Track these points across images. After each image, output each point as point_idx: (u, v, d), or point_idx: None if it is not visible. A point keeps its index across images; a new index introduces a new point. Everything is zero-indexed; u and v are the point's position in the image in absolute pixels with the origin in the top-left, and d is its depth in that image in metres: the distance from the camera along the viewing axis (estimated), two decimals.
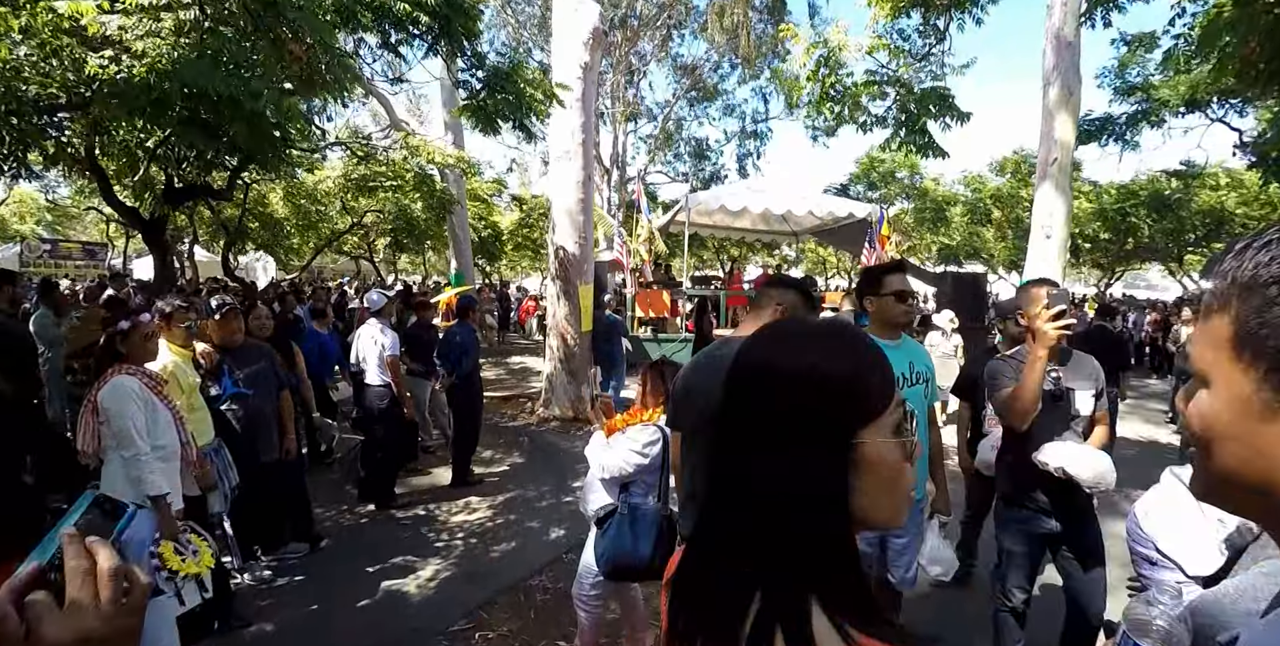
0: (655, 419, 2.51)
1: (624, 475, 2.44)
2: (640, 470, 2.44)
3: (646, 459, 2.42)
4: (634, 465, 2.42)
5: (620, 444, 2.47)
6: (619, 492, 2.50)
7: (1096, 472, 2.24)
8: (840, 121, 5.60)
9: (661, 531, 2.46)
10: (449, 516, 4.58)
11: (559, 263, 7.52)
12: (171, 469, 2.68)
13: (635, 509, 2.46)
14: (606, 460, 2.46)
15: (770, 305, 2.10)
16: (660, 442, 2.44)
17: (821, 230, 15.77)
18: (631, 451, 2.42)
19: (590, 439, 2.65)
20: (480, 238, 20.21)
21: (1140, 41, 11.37)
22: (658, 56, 23.33)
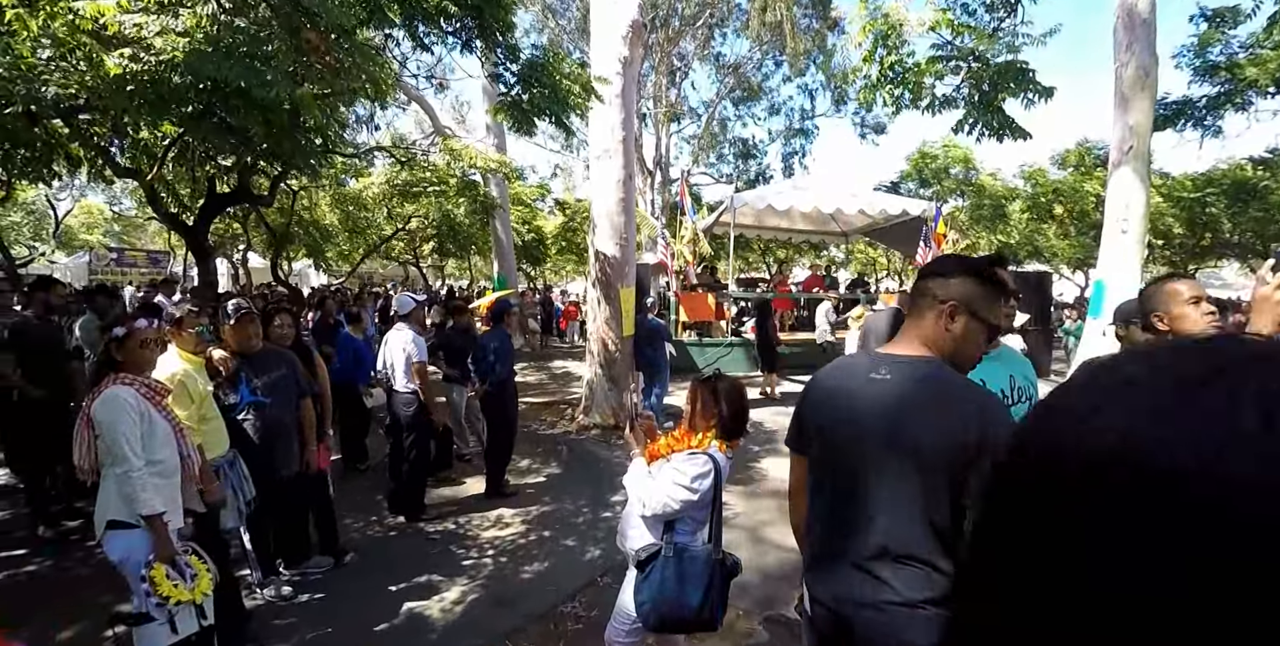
0: (706, 445, 2.20)
1: (669, 512, 2.14)
2: (687, 506, 2.13)
3: (695, 495, 2.11)
4: (680, 501, 2.11)
5: (664, 475, 2.17)
6: (663, 531, 2.20)
7: None
8: (900, 106, 5.18)
9: (713, 578, 2.14)
10: (480, 531, 4.34)
11: (599, 265, 7.26)
12: (170, 485, 2.49)
13: (683, 551, 2.16)
14: (648, 495, 2.17)
15: (933, 306, 1.51)
16: (711, 475, 2.14)
17: (872, 229, 15.19)
18: (678, 485, 2.12)
19: (630, 464, 2.35)
20: (524, 242, 20.22)
21: (1222, 17, 10.47)
22: (700, 56, 23.06)
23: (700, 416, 2.27)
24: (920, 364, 1.48)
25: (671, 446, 2.27)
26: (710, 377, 2.34)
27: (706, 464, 2.14)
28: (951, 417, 1.37)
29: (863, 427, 1.46)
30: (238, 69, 2.92)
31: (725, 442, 2.24)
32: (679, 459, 2.18)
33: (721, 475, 2.18)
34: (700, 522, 2.23)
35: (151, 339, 2.52)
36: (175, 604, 2.30)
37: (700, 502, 2.14)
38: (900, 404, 1.43)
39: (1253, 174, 13.60)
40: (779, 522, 4.53)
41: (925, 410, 1.40)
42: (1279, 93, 10.22)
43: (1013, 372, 2.03)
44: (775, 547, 4.12)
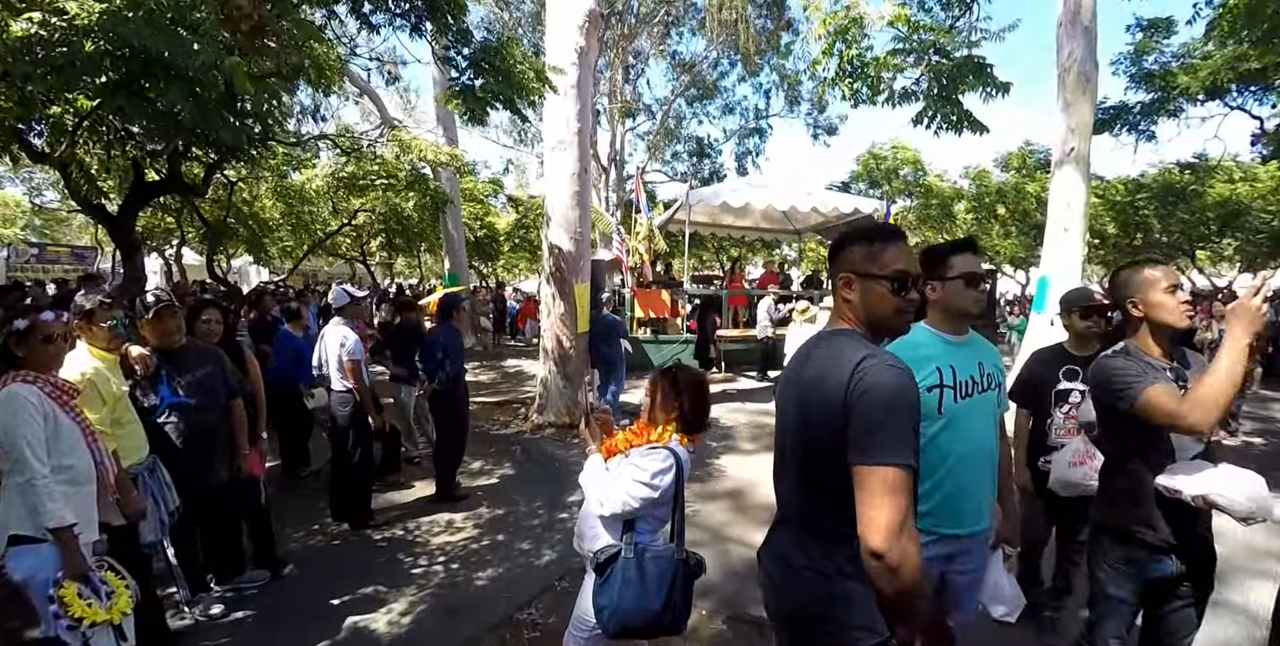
0: (666, 439, 2.09)
1: (628, 511, 2.02)
2: (648, 504, 2.01)
3: (656, 492, 2.00)
4: (641, 499, 1.99)
5: (623, 472, 2.05)
6: (622, 531, 2.07)
7: (1251, 498, 1.73)
8: (858, 100, 5.18)
9: (675, 579, 2.03)
10: (429, 537, 4.14)
11: (553, 260, 7.09)
12: (82, 495, 2.24)
13: (644, 552, 2.04)
14: (606, 494, 2.04)
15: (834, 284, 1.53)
16: (673, 470, 2.03)
17: (825, 228, 15.36)
18: (638, 483, 2.00)
19: (586, 461, 2.21)
20: (476, 238, 19.79)
21: (1157, 27, 10.95)
22: (655, 53, 22.97)
23: (660, 409, 2.16)
24: (826, 336, 1.49)
25: (630, 441, 2.15)
26: (670, 368, 2.23)
27: (667, 458, 2.02)
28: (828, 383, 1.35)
29: (781, 404, 1.55)
30: (160, 36, 2.65)
31: (686, 436, 2.14)
32: (638, 454, 2.06)
33: (683, 470, 2.08)
34: (661, 521, 2.13)
35: (57, 333, 2.26)
36: (90, 625, 2.06)
37: (661, 500, 2.02)
38: (799, 377, 1.47)
39: (1180, 178, 14.30)
40: (741, 521, 4.46)
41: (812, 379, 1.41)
42: (1208, 100, 10.74)
43: (981, 359, 1.97)
44: (738, 545, 4.04)
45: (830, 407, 1.31)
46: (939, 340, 1.95)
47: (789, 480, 1.50)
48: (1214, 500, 1.74)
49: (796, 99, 23.04)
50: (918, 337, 1.92)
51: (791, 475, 1.49)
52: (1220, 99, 11.01)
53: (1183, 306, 1.81)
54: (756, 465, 5.74)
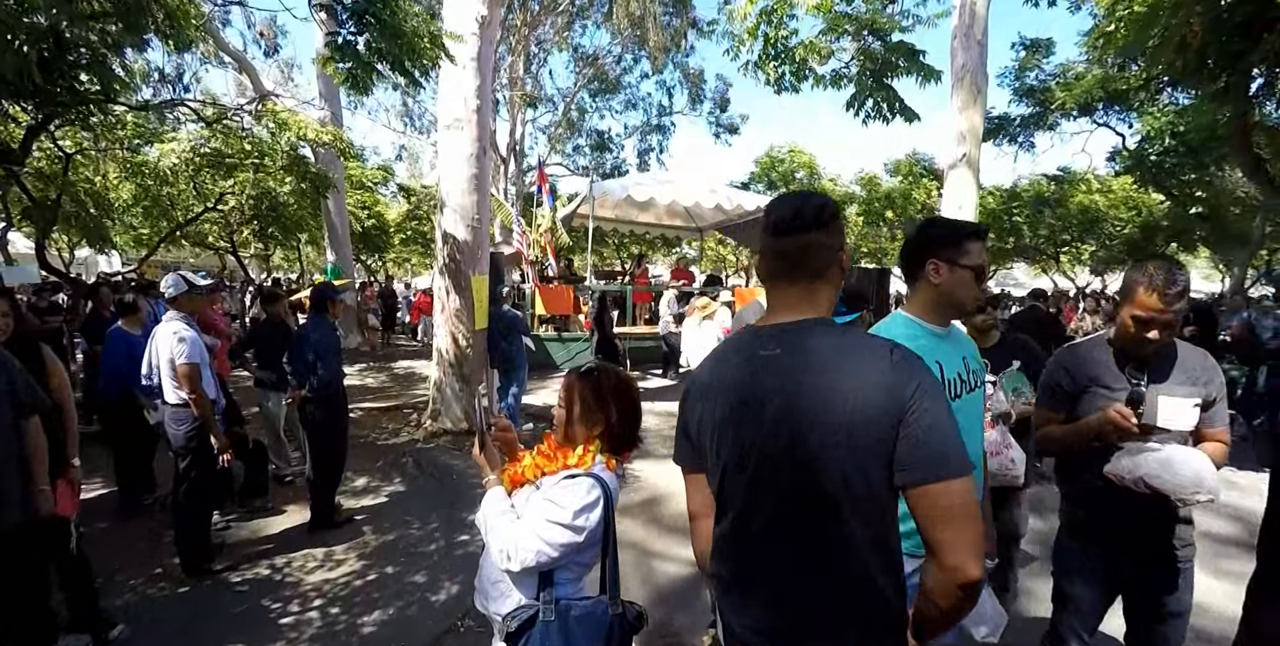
0: (588, 462, 1.65)
1: (545, 563, 1.57)
2: (570, 552, 1.58)
3: (581, 535, 1.56)
4: (560, 546, 1.55)
5: (534, 511, 1.60)
6: (538, 585, 1.62)
7: (1193, 473, 1.70)
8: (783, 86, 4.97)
9: (612, 641, 1.62)
10: (303, 575, 3.49)
11: (448, 250, 6.46)
12: None
13: (568, 610, 1.60)
14: (513, 542, 1.56)
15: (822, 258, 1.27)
16: (600, 503, 1.59)
17: (726, 225, 15.47)
18: (555, 524, 1.55)
19: (485, 494, 1.73)
20: (363, 229, 18.39)
21: (1038, 47, 11.75)
22: (558, 44, 22.35)
23: (580, 422, 1.70)
24: (814, 330, 1.18)
25: (541, 467, 1.70)
26: (591, 370, 1.76)
27: (593, 489, 1.59)
28: (867, 387, 1.08)
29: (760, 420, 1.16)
30: None
31: (613, 457, 1.71)
32: (552, 485, 1.62)
33: (612, 502, 1.64)
34: (586, 566, 1.69)
35: None
36: None
37: (587, 542, 1.59)
38: (799, 388, 1.13)
39: (1048, 188, 15.59)
40: (663, 534, 4.11)
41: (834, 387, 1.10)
42: (1080, 116, 11.61)
43: (965, 354, 1.75)
44: (663, 560, 3.69)
45: (879, 416, 1.05)
46: (925, 331, 1.68)
47: (786, 541, 1.15)
48: (1150, 482, 1.73)
49: (700, 97, 23.18)
50: (902, 329, 1.67)
51: (799, 531, 1.14)
52: (1090, 116, 11.98)
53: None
54: (673, 472, 5.40)
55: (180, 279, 3.58)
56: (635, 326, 11.92)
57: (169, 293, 3.55)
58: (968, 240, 1.66)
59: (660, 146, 24.24)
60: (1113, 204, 15.12)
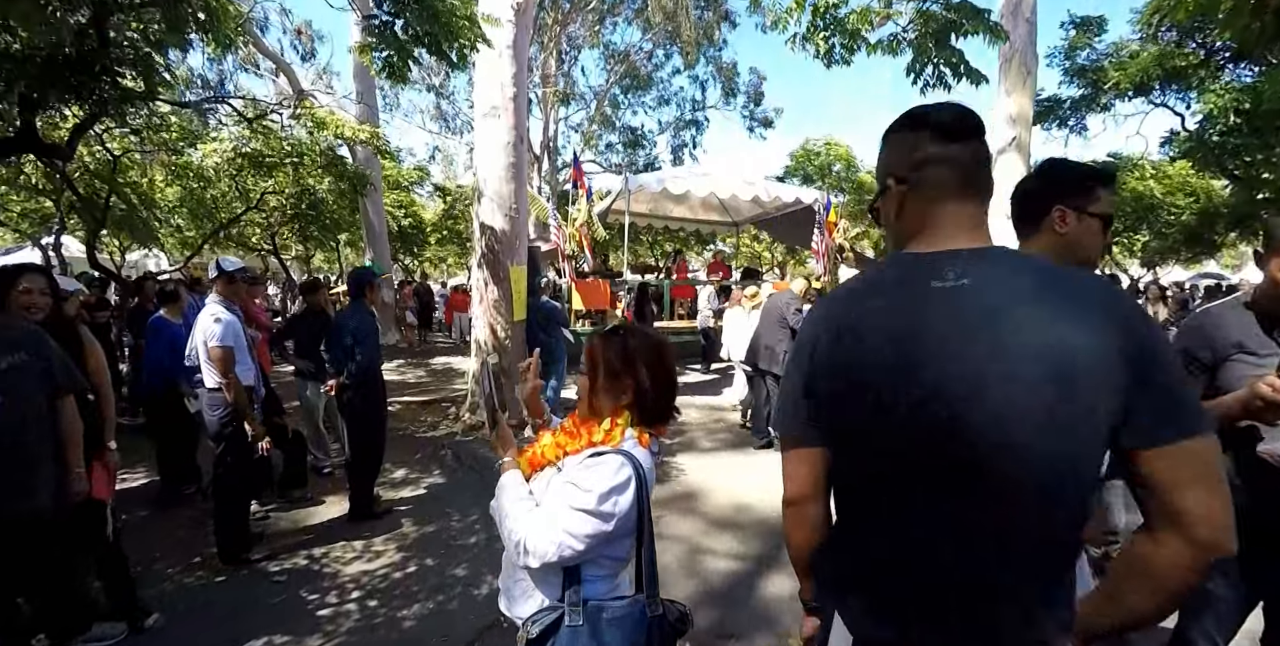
0: (617, 438, 1.41)
1: (571, 557, 1.34)
2: (598, 542, 1.34)
3: (610, 522, 1.33)
4: (586, 537, 1.32)
5: (556, 497, 1.36)
6: (563, 583, 1.40)
7: None
8: (833, 60, 4.72)
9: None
10: (342, 566, 3.37)
11: (486, 241, 6.34)
12: None
13: (599, 612, 1.37)
14: (532, 534, 1.33)
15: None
16: (632, 484, 1.34)
17: (762, 219, 15.19)
18: (580, 511, 1.32)
19: (500, 480, 1.49)
20: (400, 228, 18.56)
21: (1089, 25, 11.20)
22: (590, 42, 22.27)
23: (605, 391, 1.45)
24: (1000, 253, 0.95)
25: (563, 445, 1.46)
26: (616, 329, 1.52)
27: (623, 468, 1.34)
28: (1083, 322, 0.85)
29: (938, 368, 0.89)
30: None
31: (647, 430, 1.45)
32: (576, 465, 1.39)
33: (646, 482, 1.39)
34: (621, 560, 1.44)
35: None
36: None
37: (619, 532, 1.35)
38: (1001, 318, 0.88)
39: None
40: (712, 529, 3.91)
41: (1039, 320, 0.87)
42: (1135, 97, 11.03)
43: None
44: (712, 556, 3.48)
45: (1107, 362, 0.83)
46: None
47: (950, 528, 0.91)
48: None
49: (733, 91, 22.85)
50: None
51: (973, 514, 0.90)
52: (1145, 96, 11.37)
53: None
54: (717, 464, 5.23)
55: (216, 264, 3.53)
56: (673, 321, 11.72)
57: (218, 271, 3.51)
58: (1099, 186, 1.45)
59: (694, 142, 23.97)
60: (1169, 190, 14.33)
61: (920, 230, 1.00)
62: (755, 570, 3.34)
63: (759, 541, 3.69)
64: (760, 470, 5.11)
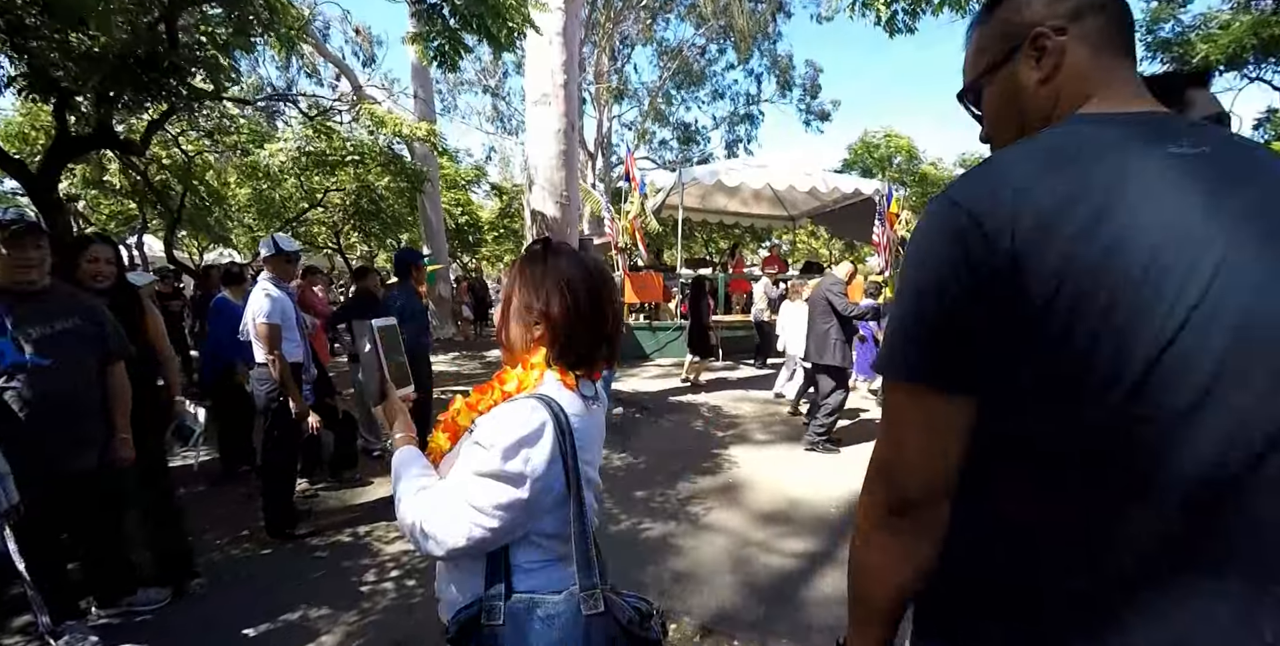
0: (532, 381, 1.11)
1: (482, 540, 1.03)
2: (516, 516, 1.03)
3: (522, 486, 1.01)
4: (497, 512, 1.01)
5: (461, 465, 1.05)
6: (486, 572, 1.08)
7: None
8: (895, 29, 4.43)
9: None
10: (383, 546, 3.34)
11: (537, 228, 6.31)
12: None
13: (526, 610, 1.05)
14: (432, 517, 1.04)
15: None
16: (549, 434, 1.03)
17: (820, 213, 14.78)
18: (481, 478, 1.01)
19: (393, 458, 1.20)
20: (457, 224, 18.94)
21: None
22: (642, 39, 22.21)
23: (516, 323, 1.15)
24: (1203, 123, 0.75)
25: (475, 405, 1.15)
26: (538, 247, 1.18)
27: (533, 413, 1.03)
28: None
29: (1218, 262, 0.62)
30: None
31: (570, 371, 1.13)
32: (486, 421, 1.06)
33: (575, 433, 1.05)
34: (558, 537, 1.09)
35: None
36: None
37: (541, 498, 1.03)
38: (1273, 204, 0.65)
39: None
40: (762, 523, 3.72)
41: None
42: (1227, 70, 10.19)
43: None
44: (763, 551, 3.30)
45: None
46: None
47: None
48: None
49: (789, 84, 22.39)
50: None
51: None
52: (1239, 70, 10.47)
53: None
54: (769, 457, 5.02)
55: (273, 240, 3.55)
56: (729, 315, 11.50)
57: (262, 252, 3.53)
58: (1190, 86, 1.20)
59: (748, 136, 23.64)
60: None
61: (1094, 90, 0.77)
62: (806, 568, 3.14)
63: (810, 538, 3.49)
64: (814, 464, 4.88)
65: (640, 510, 3.85)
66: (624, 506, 3.90)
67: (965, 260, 0.66)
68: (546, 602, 1.05)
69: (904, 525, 0.75)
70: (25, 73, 5.14)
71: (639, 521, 3.67)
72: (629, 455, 5.00)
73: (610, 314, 1.15)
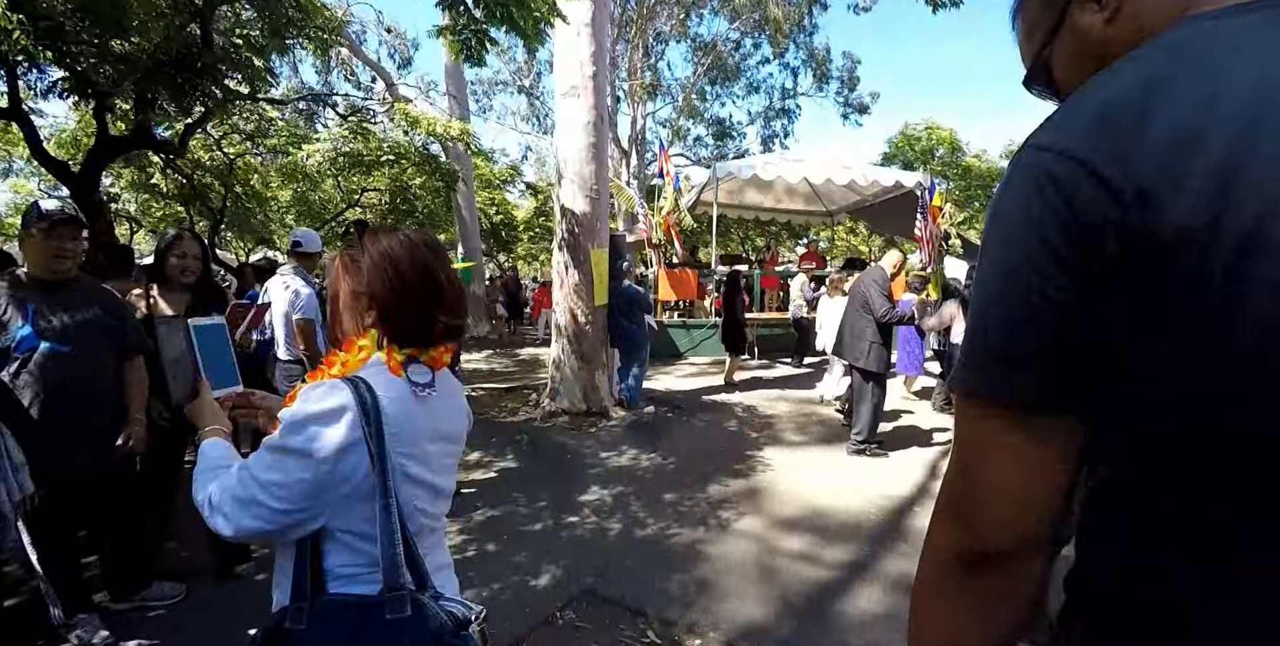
0: (356, 364, 1.06)
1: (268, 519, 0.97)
2: (299, 495, 0.96)
3: (309, 465, 0.95)
4: (277, 488, 0.96)
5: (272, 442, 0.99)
6: (294, 570, 1.02)
7: None
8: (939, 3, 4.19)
9: None
10: None
11: (566, 223, 6.19)
12: None
13: (333, 613, 1.00)
14: (220, 491, 1.01)
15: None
16: (346, 416, 0.96)
17: (860, 208, 14.39)
18: (268, 452, 0.98)
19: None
20: (493, 224, 19.05)
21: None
22: (676, 36, 21.99)
23: (350, 315, 1.10)
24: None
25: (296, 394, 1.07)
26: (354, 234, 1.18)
27: (333, 392, 0.98)
28: None
29: None
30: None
31: (399, 350, 1.07)
32: (298, 399, 1.01)
33: (380, 415, 0.98)
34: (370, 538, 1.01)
35: None
36: None
37: (333, 485, 0.96)
38: None
39: None
40: (794, 530, 3.53)
41: None
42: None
43: None
44: (795, 561, 3.12)
45: None
46: None
47: None
48: None
49: (826, 77, 21.90)
50: None
51: None
52: None
53: None
54: (808, 460, 4.81)
55: (307, 233, 3.55)
56: (764, 312, 11.25)
57: (307, 246, 3.53)
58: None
59: (785, 131, 23.20)
60: None
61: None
62: (843, 581, 2.94)
63: (848, 548, 3.28)
64: (852, 468, 4.65)
65: (668, 514, 3.69)
66: (651, 510, 3.75)
67: (1074, 220, 0.48)
68: (352, 607, 1.00)
69: (979, 582, 0.57)
70: (65, 77, 5.27)
71: (666, 526, 3.51)
72: (658, 456, 4.84)
73: (443, 285, 1.09)
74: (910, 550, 3.21)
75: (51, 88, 5.56)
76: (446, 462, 1.15)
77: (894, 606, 2.65)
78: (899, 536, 3.39)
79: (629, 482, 4.23)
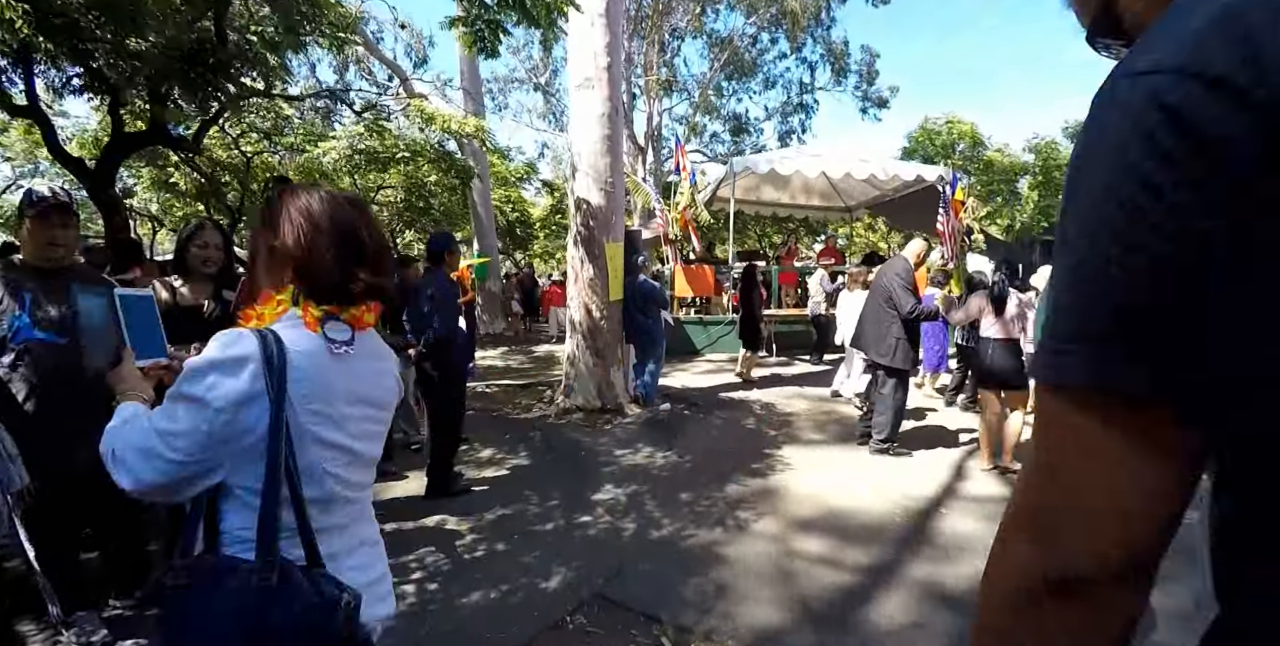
0: (271, 317, 1.03)
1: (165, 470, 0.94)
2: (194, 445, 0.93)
3: (205, 414, 0.93)
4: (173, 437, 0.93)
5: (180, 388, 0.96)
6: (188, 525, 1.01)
7: None
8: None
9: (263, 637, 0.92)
10: (410, 544, 3.17)
11: (581, 217, 6.09)
12: None
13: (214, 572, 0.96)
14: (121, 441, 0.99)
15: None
16: (249, 364, 0.94)
17: (879, 203, 14.13)
18: (169, 401, 0.96)
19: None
20: (509, 221, 19.02)
21: None
22: (692, 31, 21.79)
23: (267, 273, 1.07)
24: None
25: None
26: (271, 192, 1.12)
27: (238, 341, 0.96)
28: None
29: None
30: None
31: (317, 306, 1.04)
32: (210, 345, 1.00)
33: (286, 368, 0.96)
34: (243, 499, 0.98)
35: None
36: None
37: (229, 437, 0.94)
38: None
39: None
40: (811, 532, 3.40)
41: None
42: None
43: None
44: (814, 564, 2.99)
45: None
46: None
47: None
48: None
49: (844, 71, 21.59)
50: None
51: None
52: None
53: None
54: (827, 459, 4.67)
55: None
56: (781, 309, 11.08)
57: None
58: None
59: (803, 126, 22.89)
60: None
61: None
62: (866, 586, 2.80)
63: (870, 551, 3.14)
64: (873, 467, 4.50)
65: (684, 514, 3.57)
66: (667, 510, 3.64)
67: (1203, 155, 0.36)
68: (229, 569, 0.95)
69: (1062, 615, 0.45)
70: (80, 73, 5.27)
71: (682, 527, 3.40)
72: (674, 454, 4.73)
73: (365, 242, 1.07)
74: (938, 555, 3.06)
75: (66, 83, 5.58)
76: (368, 428, 1.11)
77: (922, 615, 2.51)
78: (924, 540, 3.25)
79: (644, 481, 4.12)
